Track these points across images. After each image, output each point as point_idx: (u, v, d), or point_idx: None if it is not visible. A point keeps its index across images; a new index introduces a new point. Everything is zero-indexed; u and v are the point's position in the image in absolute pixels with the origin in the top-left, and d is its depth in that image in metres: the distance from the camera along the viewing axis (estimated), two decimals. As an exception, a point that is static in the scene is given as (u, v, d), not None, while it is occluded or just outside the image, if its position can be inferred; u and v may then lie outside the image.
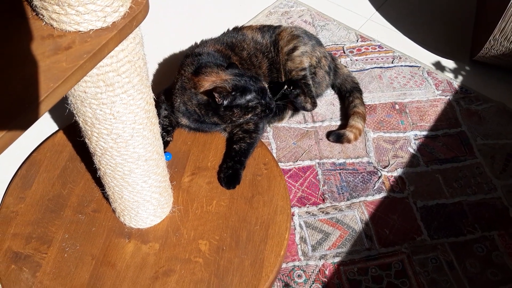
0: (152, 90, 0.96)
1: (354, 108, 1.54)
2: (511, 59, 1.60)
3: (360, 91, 1.60)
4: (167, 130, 1.36)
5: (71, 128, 1.41)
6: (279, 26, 1.55)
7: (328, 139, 1.51)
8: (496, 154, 1.48)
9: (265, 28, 1.51)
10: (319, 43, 1.57)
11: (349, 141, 1.49)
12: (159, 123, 1.04)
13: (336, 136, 1.49)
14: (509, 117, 1.58)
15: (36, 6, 0.72)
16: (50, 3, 0.69)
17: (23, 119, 0.63)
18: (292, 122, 1.56)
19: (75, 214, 1.22)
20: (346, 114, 1.57)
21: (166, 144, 1.36)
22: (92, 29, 0.72)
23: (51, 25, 0.73)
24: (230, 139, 1.40)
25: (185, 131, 1.42)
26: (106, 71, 0.79)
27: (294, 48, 1.47)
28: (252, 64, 1.44)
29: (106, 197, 1.21)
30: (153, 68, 1.71)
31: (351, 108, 1.54)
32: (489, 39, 1.54)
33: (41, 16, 0.73)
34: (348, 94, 1.59)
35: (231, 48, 1.44)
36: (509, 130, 1.54)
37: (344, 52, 1.81)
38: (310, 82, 1.48)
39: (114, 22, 0.74)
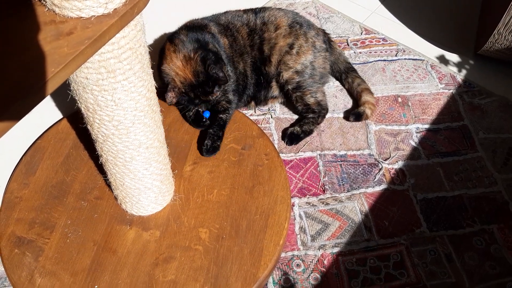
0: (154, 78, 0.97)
1: (359, 85, 1.58)
2: (516, 53, 1.60)
3: (355, 70, 1.63)
4: None
5: (74, 116, 1.42)
6: (264, 8, 1.56)
7: (349, 120, 1.54)
8: (498, 148, 1.47)
9: (249, 9, 1.56)
10: (308, 26, 1.55)
11: (367, 117, 1.53)
12: None
13: (356, 115, 1.52)
14: (511, 111, 1.58)
15: (39, -9, 0.73)
16: (52, -11, 0.70)
17: (24, 103, 0.64)
18: (294, 114, 1.57)
19: (78, 200, 1.24)
20: (351, 95, 1.62)
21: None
22: (94, 16, 0.73)
23: (54, 11, 0.74)
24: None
25: (186, 123, 1.43)
26: (107, 57, 0.80)
27: (291, 46, 1.48)
28: (228, 28, 1.48)
29: (108, 184, 1.22)
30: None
31: (356, 87, 1.58)
32: (493, 33, 1.54)
33: (44, 2, 0.74)
34: (345, 75, 1.62)
35: (211, 20, 1.50)
36: (511, 124, 1.54)
37: (348, 45, 1.81)
38: (307, 86, 1.51)
39: (115, 8, 0.74)
